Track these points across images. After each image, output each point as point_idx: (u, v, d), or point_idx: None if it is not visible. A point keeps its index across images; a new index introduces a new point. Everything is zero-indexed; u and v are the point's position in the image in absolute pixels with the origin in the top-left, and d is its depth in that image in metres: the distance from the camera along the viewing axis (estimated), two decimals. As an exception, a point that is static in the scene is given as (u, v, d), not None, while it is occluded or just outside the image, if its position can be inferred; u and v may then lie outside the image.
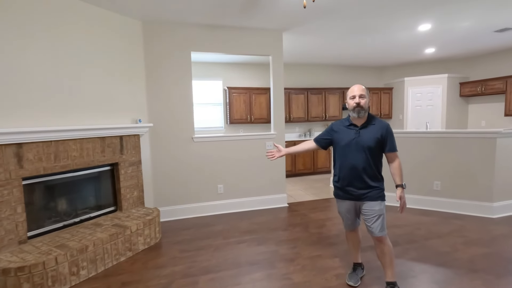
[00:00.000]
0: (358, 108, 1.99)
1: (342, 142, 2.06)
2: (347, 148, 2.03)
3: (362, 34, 4.34)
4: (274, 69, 4.08)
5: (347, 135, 2.05)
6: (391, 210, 3.86)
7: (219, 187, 3.94)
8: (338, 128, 2.13)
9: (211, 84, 6.25)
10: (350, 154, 2.02)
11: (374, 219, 1.99)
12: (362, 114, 2.01)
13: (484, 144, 3.51)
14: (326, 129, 2.22)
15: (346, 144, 2.03)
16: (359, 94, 2.02)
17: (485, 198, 3.55)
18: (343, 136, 2.07)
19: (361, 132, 2.02)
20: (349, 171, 2.03)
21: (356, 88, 2.05)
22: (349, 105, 2.04)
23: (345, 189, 2.07)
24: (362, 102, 2.00)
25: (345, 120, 2.15)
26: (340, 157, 2.08)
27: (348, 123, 2.08)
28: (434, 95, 6.47)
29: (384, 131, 2.03)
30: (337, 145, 2.11)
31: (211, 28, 3.75)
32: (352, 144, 2.01)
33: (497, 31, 4.30)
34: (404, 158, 3.98)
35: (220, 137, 3.92)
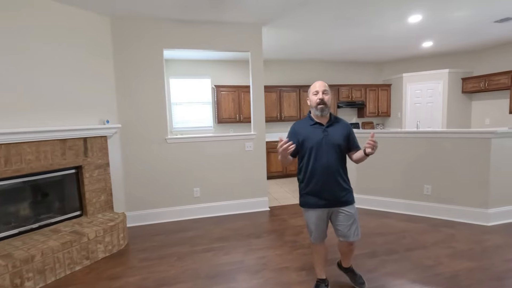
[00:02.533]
0: (321, 105, 1.88)
1: (311, 143, 1.87)
2: (317, 148, 1.86)
3: (349, 27, 4.07)
4: (253, 66, 3.86)
5: (315, 135, 1.89)
6: (376, 215, 3.61)
7: (195, 191, 3.77)
8: (302, 128, 1.94)
9: (199, 82, 6.07)
10: (322, 155, 1.85)
11: (351, 224, 1.90)
12: (326, 112, 1.90)
13: (478, 145, 3.21)
14: (289, 134, 1.96)
15: (316, 144, 1.87)
16: (322, 90, 1.90)
17: (479, 204, 3.26)
18: (310, 136, 1.89)
19: (328, 130, 1.89)
20: (322, 174, 1.85)
21: (318, 84, 1.93)
22: (312, 102, 1.92)
23: (318, 195, 1.88)
24: (326, 98, 1.88)
25: (307, 119, 1.98)
26: (310, 159, 1.88)
27: (312, 122, 1.93)
28: (435, 91, 6.11)
29: (349, 129, 1.97)
30: (304, 147, 1.90)
31: (184, 23, 3.56)
32: (322, 143, 1.86)
33: (497, 21, 3.96)
34: (392, 160, 3.72)
35: (196, 138, 3.74)
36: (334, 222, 1.96)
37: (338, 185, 1.88)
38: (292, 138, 1.90)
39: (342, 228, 1.93)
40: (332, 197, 1.88)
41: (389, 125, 6.93)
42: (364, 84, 6.62)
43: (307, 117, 2.01)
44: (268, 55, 5.72)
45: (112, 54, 3.37)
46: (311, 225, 1.98)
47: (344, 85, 6.48)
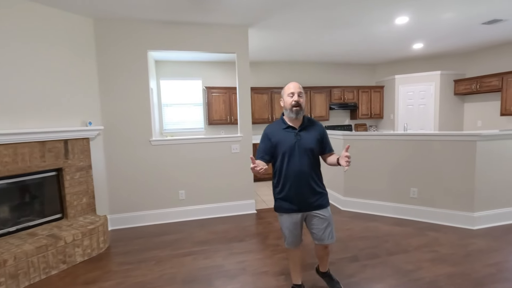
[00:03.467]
0: (297, 107, 1.83)
1: (284, 147, 1.84)
2: (290, 153, 1.83)
3: (336, 29, 4.05)
4: (239, 67, 3.84)
5: (287, 139, 1.85)
6: (362, 218, 3.57)
7: (180, 193, 3.73)
8: (274, 132, 1.90)
9: (190, 83, 6.05)
10: (294, 159, 1.83)
11: (325, 227, 1.89)
12: (301, 115, 1.87)
13: (464, 148, 3.18)
14: (262, 139, 1.92)
15: (289, 149, 1.83)
16: (298, 92, 1.85)
17: (465, 207, 3.22)
18: (283, 140, 1.85)
19: (301, 134, 1.86)
20: (295, 179, 1.83)
21: (293, 85, 1.88)
22: (287, 104, 1.86)
23: (292, 200, 1.86)
24: (301, 101, 1.84)
25: (279, 122, 1.94)
26: (283, 164, 1.86)
27: (285, 125, 1.89)
28: (427, 93, 6.08)
29: (322, 131, 1.94)
30: (277, 151, 1.87)
31: (169, 24, 3.54)
32: (295, 148, 1.83)
33: (485, 23, 3.93)
34: (379, 163, 3.68)
35: (180, 140, 3.71)
36: (309, 226, 1.94)
37: (311, 190, 1.86)
38: (265, 143, 1.89)
39: (317, 231, 1.91)
40: (306, 202, 1.86)
41: (382, 127, 6.90)
42: (356, 86, 6.59)
43: (279, 120, 1.96)
44: (259, 56, 5.70)
45: (96, 56, 3.34)
46: (285, 230, 1.95)
47: (337, 87, 6.46)
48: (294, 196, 1.84)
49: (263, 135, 1.92)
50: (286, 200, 1.87)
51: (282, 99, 1.90)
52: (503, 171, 3.23)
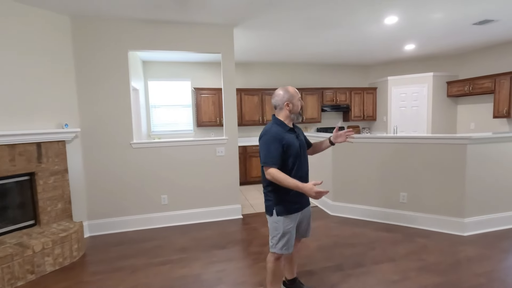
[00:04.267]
0: (301, 111, 1.95)
1: (294, 150, 1.82)
2: (298, 155, 1.84)
3: (324, 29, 3.95)
4: (224, 68, 3.72)
5: (294, 141, 1.84)
6: (351, 224, 3.46)
7: (163, 198, 3.60)
8: (283, 135, 1.79)
9: (179, 84, 5.93)
10: (302, 161, 1.88)
11: (310, 221, 2.04)
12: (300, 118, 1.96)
13: (454, 152, 3.08)
14: (273, 143, 1.74)
15: (297, 151, 1.84)
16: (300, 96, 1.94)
17: (455, 213, 3.12)
18: (292, 143, 1.81)
19: (299, 136, 1.92)
20: (304, 179, 1.87)
21: (296, 91, 1.91)
22: (297, 108, 1.88)
23: (300, 200, 1.88)
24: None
25: (281, 125, 1.84)
26: (294, 166, 1.82)
27: (287, 127, 1.85)
28: (419, 95, 6.00)
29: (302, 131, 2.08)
30: (288, 154, 1.79)
31: (151, 23, 3.42)
32: (300, 149, 1.87)
33: (476, 23, 3.85)
34: (368, 166, 3.58)
35: (163, 143, 3.58)
36: (300, 223, 1.97)
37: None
38: (277, 146, 1.74)
39: (305, 226, 2.01)
40: (307, 198, 1.96)
41: (375, 129, 6.81)
42: (349, 87, 6.50)
43: (275, 122, 1.85)
44: (249, 57, 5.60)
45: (73, 55, 3.21)
46: (290, 233, 1.84)
47: (329, 88, 6.36)
48: (301, 195, 1.83)
49: (271, 139, 1.75)
50: (296, 202, 1.86)
51: (290, 103, 1.83)
52: (495, 175, 3.13)
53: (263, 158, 1.76)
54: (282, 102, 1.83)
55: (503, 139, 3.12)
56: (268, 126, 1.84)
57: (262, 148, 1.78)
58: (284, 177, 1.68)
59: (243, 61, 5.94)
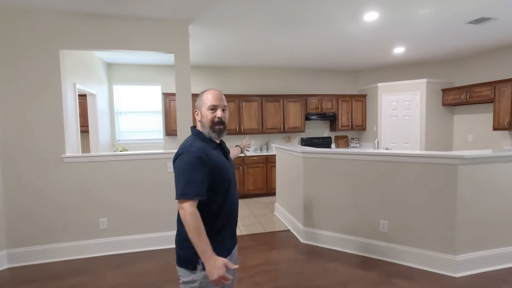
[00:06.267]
0: (220, 127, 1.35)
1: (226, 175, 1.34)
2: (229, 180, 1.36)
3: (297, 26, 3.44)
4: (178, 70, 3.22)
5: (222, 160, 1.37)
6: (322, 256, 2.89)
7: (101, 221, 3.06)
8: (206, 152, 1.28)
9: (149, 89, 5.44)
10: (231, 189, 1.37)
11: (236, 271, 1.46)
12: (223, 136, 1.38)
13: (442, 173, 2.54)
14: (196, 164, 1.22)
15: (229, 175, 1.36)
16: (222, 106, 1.36)
17: (445, 248, 2.56)
18: (220, 162, 1.33)
19: (227, 153, 1.46)
20: (233, 213, 1.40)
21: (214, 95, 1.36)
22: (206, 120, 1.33)
23: (231, 238, 1.40)
24: (226, 118, 1.38)
25: (204, 139, 1.34)
26: (224, 200, 1.32)
27: (213, 143, 1.37)
28: (412, 103, 5.47)
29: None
30: (218, 180, 1.29)
31: (90, 18, 2.93)
32: (231, 171, 1.40)
33: (471, 22, 3.33)
34: (343, 186, 3.04)
35: (102, 157, 3.06)
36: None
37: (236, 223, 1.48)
38: (202, 170, 1.22)
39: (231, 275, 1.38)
40: (235, 238, 1.47)
41: (365, 140, 6.27)
42: (335, 94, 5.98)
43: (200, 135, 1.35)
44: (224, 60, 5.11)
45: (-9, 53, 2.73)
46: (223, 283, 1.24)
47: (313, 95, 5.85)
48: (231, 234, 1.41)
49: (194, 159, 1.22)
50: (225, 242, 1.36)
51: (198, 112, 1.37)
52: (492, 202, 2.57)
53: (181, 187, 1.20)
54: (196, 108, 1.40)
55: (501, 158, 2.57)
56: (186, 141, 1.33)
57: (179, 173, 1.24)
58: (197, 227, 1.16)
59: (218, 64, 5.45)
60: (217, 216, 1.30)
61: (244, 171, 5.27)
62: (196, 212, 1.18)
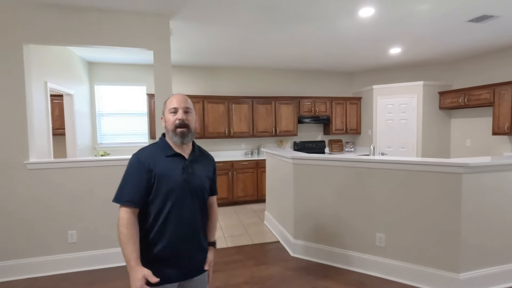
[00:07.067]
0: (183, 129, 1.26)
1: (169, 184, 1.22)
2: (177, 193, 1.23)
3: (288, 22, 3.22)
4: (157, 69, 2.97)
5: (174, 172, 1.24)
6: (315, 272, 2.63)
7: (70, 234, 2.77)
8: (154, 159, 1.23)
9: (133, 90, 5.16)
10: (184, 203, 1.24)
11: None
12: (188, 140, 1.30)
13: (445, 182, 2.31)
14: (132, 169, 1.22)
15: (176, 187, 1.23)
16: (184, 107, 1.29)
17: (447, 265, 2.32)
18: (168, 173, 1.23)
19: (193, 166, 1.30)
20: (181, 232, 1.24)
21: (177, 99, 1.30)
22: (169, 123, 1.28)
23: (172, 264, 1.22)
24: (189, 119, 1.29)
25: (162, 146, 1.30)
26: (163, 209, 1.21)
27: (170, 151, 1.28)
28: (408, 107, 5.27)
29: (215, 166, 1.46)
30: (158, 189, 1.21)
31: (59, 9, 2.66)
32: (184, 186, 1.25)
33: (472, 20, 3.14)
34: (336, 196, 2.79)
35: (70, 163, 2.77)
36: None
37: (199, 247, 1.31)
38: (138, 175, 1.20)
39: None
40: (189, 264, 1.28)
41: (360, 144, 6.05)
42: (329, 97, 5.76)
43: (160, 142, 1.32)
44: (212, 60, 4.86)
45: None
46: None
47: (306, 97, 5.62)
48: (177, 256, 1.24)
49: (132, 162, 1.23)
50: (162, 264, 1.20)
51: (163, 117, 1.33)
52: (499, 215, 2.35)
53: (117, 191, 1.21)
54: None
55: (509, 167, 2.35)
56: (147, 145, 1.32)
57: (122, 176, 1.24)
58: (126, 236, 1.13)
59: (206, 64, 5.20)
60: (154, 224, 1.20)
61: (233, 176, 5.00)
62: (126, 218, 1.15)
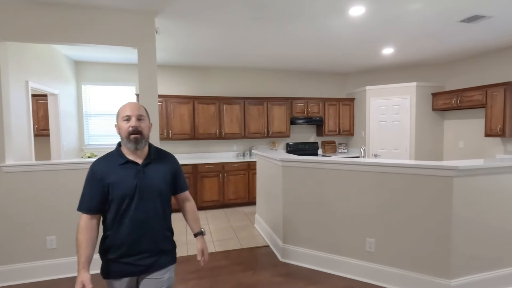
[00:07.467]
0: (136, 135, 1.34)
1: (121, 191, 1.31)
2: (130, 198, 1.32)
3: (277, 21, 3.15)
4: (142, 67, 2.87)
5: (125, 178, 1.33)
6: (303, 278, 2.55)
7: (49, 240, 2.66)
8: (107, 170, 1.34)
9: (122, 90, 5.05)
10: (133, 207, 1.33)
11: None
12: (142, 146, 1.37)
13: (436, 185, 2.25)
14: (88, 180, 1.35)
15: (129, 193, 1.32)
16: (137, 115, 1.36)
17: (438, 270, 2.26)
18: (120, 182, 1.32)
19: (146, 171, 1.38)
20: (133, 233, 1.33)
21: (130, 107, 1.38)
22: (122, 131, 1.35)
23: (124, 261, 1.33)
24: (142, 126, 1.36)
25: (115, 156, 1.39)
26: (117, 214, 1.32)
27: (123, 159, 1.36)
28: (401, 108, 5.23)
29: (175, 165, 1.51)
30: (111, 197, 1.32)
31: (38, 5, 2.56)
32: (136, 191, 1.33)
33: (464, 20, 3.10)
34: (326, 199, 2.72)
35: (49, 165, 2.66)
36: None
37: (154, 247, 1.38)
38: (93, 186, 1.32)
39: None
40: (142, 263, 1.35)
41: (353, 146, 6.00)
42: (322, 98, 5.71)
43: (114, 150, 1.41)
44: (203, 60, 4.77)
45: None
46: None
47: (299, 98, 5.56)
48: (125, 256, 1.33)
49: (88, 173, 1.35)
50: (118, 262, 1.32)
51: (117, 125, 1.39)
52: (490, 219, 2.30)
53: (80, 199, 1.35)
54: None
55: (501, 170, 2.30)
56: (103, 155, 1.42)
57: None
58: (79, 241, 1.28)
59: (196, 64, 5.11)
60: (111, 228, 1.32)
61: (224, 178, 4.91)
62: (82, 225, 1.30)
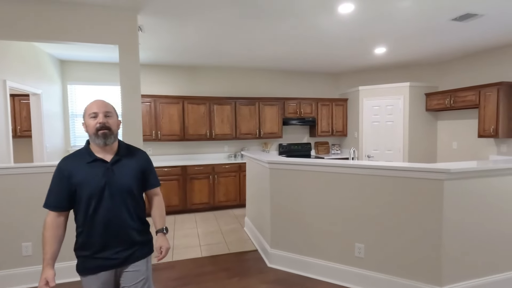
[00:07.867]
0: (104, 130, 1.33)
1: (89, 189, 1.31)
2: (99, 197, 1.32)
3: (264, 19, 3.06)
4: (123, 65, 2.77)
5: (93, 177, 1.33)
6: (288, 285, 2.45)
7: (24, 247, 2.54)
8: (73, 168, 1.34)
9: (110, 90, 4.93)
10: (105, 205, 1.33)
11: (141, 285, 1.42)
12: (111, 141, 1.37)
13: (426, 189, 2.17)
14: (56, 178, 1.35)
15: (97, 191, 1.32)
16: (104, 112, 1.36)
17: (429, 277, 2.17)
18: (87, 180, 1.32)
19: (115, 169, 1.37)
20: (103, 231, 1.34)
21: (96, 104, 1.38)
22: (90, 128, 1.35)
23: (98, 257, 1.34)
24: (110, 122, 1.36)
25: (83, 153, 1.38)
26: (87, 212, 1.33)
27: (91, 157, 1.36)
28: (395, 108, 5.17)
29: (146, 162, 1.50)
30: (79, 195, 1.33)
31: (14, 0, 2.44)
32: (105, 189, 1.33)
33: (456, 19, 3.03)
34: (314, 202, 2.63)
35: (23, 168, 2.54)
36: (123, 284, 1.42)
37: (127, 240, 1.39)
38: (60, 184, 1.33)
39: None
40: (117, 257, 1.37)
41: (347, 146, 5.93)
42: (315, 98, 5.63)
43: (82, 148, 1.41)
44: (192, 59, 4.67)
45: None
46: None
47: (291, 98, 5.47)
48: (98, 252, 1.35)
49: (56, 172, 1.35)
50: (93, 257, 1.35)
51: (84, 123, 1.39)
52: (482, 223, 2.22)
53: (46, 197, 1.36)
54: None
55: (493, 172, 2.23)
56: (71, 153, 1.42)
57: None
58: (45, 238, 1.29)
59: (185, 64, 5.01)
60: (82, 226, 1.33)
61: (214, 180, 4.80)
62: (48, 222, 1.30)
